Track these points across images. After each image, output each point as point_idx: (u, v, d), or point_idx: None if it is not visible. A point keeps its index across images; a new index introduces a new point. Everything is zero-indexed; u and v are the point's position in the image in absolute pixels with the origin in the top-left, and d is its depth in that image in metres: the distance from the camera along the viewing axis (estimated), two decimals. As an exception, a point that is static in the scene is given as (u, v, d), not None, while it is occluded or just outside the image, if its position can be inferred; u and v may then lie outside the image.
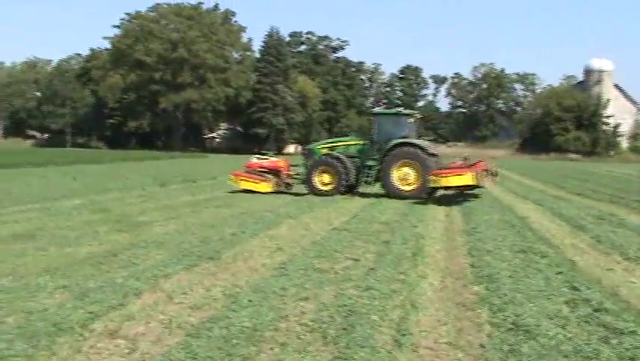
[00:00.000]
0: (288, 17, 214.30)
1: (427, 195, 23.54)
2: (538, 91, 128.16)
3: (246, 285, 9.26)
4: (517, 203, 22.66)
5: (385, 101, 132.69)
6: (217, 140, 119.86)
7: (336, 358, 6.41)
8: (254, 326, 7.25)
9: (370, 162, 24.79)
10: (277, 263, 10.93)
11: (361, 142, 25.90)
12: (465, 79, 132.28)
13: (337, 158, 25.05)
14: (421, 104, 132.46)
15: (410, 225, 16.01)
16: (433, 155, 24.24)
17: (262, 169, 26.41)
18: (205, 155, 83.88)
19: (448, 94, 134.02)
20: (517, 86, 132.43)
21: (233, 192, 24.98)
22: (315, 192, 24.78)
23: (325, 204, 21.06)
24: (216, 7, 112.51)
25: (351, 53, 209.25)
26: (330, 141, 28.28)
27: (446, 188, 23.33)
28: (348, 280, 9.65)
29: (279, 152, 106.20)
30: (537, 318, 7.74)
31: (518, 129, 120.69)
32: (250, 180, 25.61)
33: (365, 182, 24.94)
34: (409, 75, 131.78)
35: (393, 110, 27.03)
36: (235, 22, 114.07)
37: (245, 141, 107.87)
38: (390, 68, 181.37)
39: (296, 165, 27.14)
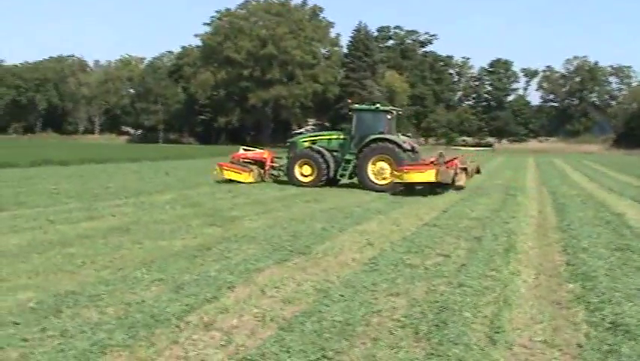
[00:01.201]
0: (376, 12, 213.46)
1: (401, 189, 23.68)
2: (634, 84, 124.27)
3: (336, 280, 9.29)
4: (612, 199, 22.05)
5: (474, 95, 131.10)
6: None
7: (428, 354, 6.37)
8: (346, 321, 7.28)
9: (348, 156, 25.64)
10: (367, 258, 10.93)
11: (342, 136, 26.58)
12: (557, 72, 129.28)
13: (317, 151, 25.98)
14: (511, 98, 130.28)
15: (501, 221, 15.78)
16: (408, 151, 24.70)
17: (246, 160, 27.42)
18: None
19: (539, 88, 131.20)
20: (612, 79, 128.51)
21: (323, 187, 25.09)
22: (295, 183, 25.73)
23: (415, 199, 20.97)
24: (304, 3, 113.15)
25: (439, 47, 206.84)
26: (313, 134, 29.16)
27: (411, 184, 23.31)
28: (439, 276, 9.58)
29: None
30: (637, 318, 7.53)
31: (613, 124, 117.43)
32: (232, 170, 26.51)
33: (341, 175, 25.81)
34: (499, 69, 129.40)
35: (372, 106, 27.24)
36: (323, 17, 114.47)
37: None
38: (479, 62, 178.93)
39: (280, 157, 28.00)
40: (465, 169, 24.99)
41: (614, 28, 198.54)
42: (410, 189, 23.45)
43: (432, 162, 23.51)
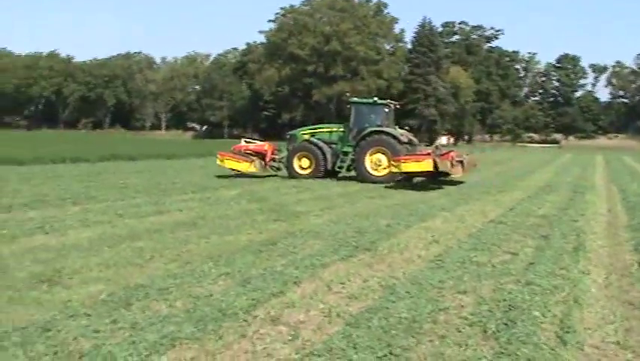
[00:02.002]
0: (441, 7, 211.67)
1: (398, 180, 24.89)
2: None
3: (402, 276, 9.24)
4: (685, 198, 21.44)
5: (541, 91, 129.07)
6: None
7: (497, 353, 6.28)
8: (412, 318, 7.23)
9: (347, 149, 26.35)
10: (433, 255, 10.85)
11: (341, 129, 27.14)
12: (627, 68, 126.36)
13: (315, 144, 26.75)
14: (578, 94, 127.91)
15: (570, 219, 15.51)
16: (405, 143, 25.47)
17: (248, 151, 28.06)
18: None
19: (609, 83, 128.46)
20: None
21: (385, 184, 25.00)
22: (294, 175, 26.47)
23: (480, 196, 20.73)
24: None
25: (505, 43, 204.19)
26: (313, 127, 29.44)
27: (408, 173, 24.12)
28: (507, 275, 9.45)
29: (431, 143, 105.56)
30: None
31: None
32: (234, 159, 27.13)
33: (340, 167, 26.52)
34: (566, 64, 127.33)
35: (370, 100, 27.92)
36: (387, 13, 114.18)
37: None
38: (546, 57, 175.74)
39: (281, 150, 28.61)
40: (461, 162, 25.86)
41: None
42: (408, 180, 24.56)
43: (428, 153, 24.07)
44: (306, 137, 27.45)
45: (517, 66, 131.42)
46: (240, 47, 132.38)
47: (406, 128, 29.85)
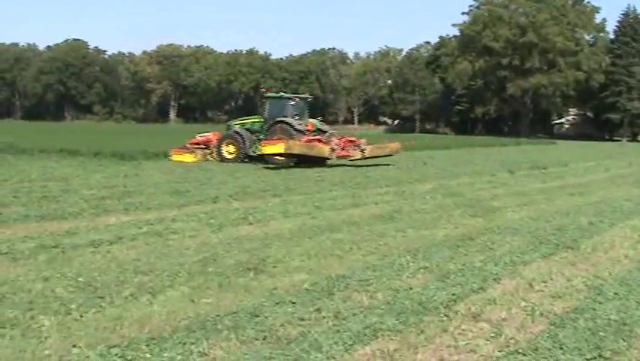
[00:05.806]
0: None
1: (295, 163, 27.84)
2: None
3: (609, 277, 8.84)
4: None
5: None
6: (565, 126, 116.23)
7: None
8: (622, 320, 6.90)
9: (262, 136, 29.72)
10: (641, 256, 10.32)
11: (262, 120, 30.66)
12: None
13: (238, 132, 30.60)
14: None
15: None
16: (301, 132, 28.55)
17: (196, 144, 31.09)
18: (553, 141, 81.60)
19: None
20: None
21: (585, 180, 24.05)
22: (222, 160, 29.66)
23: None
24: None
25: None
26: (243, 118, 33.67)
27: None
28: None
29: (634, 138, 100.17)
30: None
31: None
32: (178, 153, 30.22)
33: (254, 152, 29.57)
34: None
35: (278, 95, 32.71)
36: (587, 2, 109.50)
37: (596, 127, 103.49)
38: None
39: None
40: (359, 147, 29.81)
41: None
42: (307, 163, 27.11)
43: (318, 139, 28.59)
44: (237, 127, 31.21)
45: None
46: (433, 40, 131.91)
47: (319, 118, 33.07)
